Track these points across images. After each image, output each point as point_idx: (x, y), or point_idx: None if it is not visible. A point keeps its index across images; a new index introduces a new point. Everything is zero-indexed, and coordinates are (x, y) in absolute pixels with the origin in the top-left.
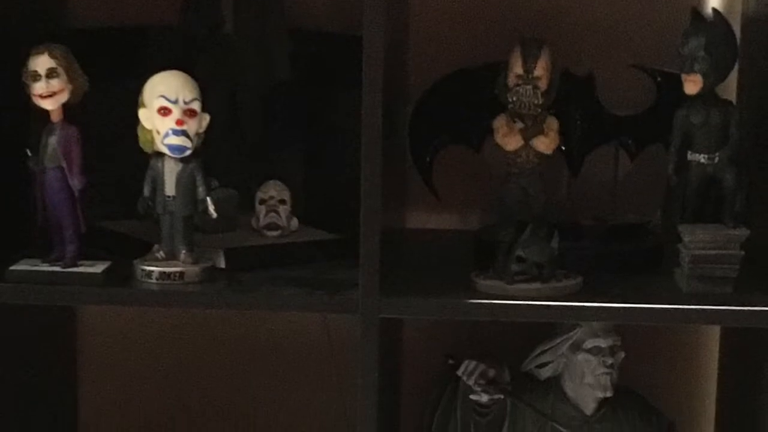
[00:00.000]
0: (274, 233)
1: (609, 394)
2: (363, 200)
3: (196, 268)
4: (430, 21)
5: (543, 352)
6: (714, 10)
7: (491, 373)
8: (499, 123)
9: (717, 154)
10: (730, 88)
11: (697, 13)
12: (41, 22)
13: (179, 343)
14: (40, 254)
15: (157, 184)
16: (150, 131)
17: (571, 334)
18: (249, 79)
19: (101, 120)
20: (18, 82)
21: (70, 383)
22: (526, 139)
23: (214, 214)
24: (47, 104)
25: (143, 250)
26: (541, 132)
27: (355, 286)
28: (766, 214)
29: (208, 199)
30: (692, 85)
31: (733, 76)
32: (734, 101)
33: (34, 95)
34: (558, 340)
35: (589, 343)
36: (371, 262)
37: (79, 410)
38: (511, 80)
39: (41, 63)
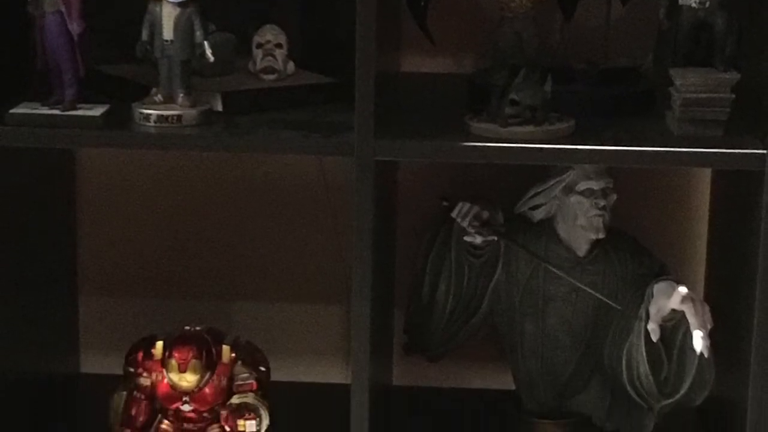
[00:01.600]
0: (271, 77)
1: (601, 235)
2: (358, 43)
3: (193, 111)
4: None
5: (536, 195)
6: None
7: (485, 214)
8: None
9: None
10: None
11: None
12: None
13: (177, 186)
14: (40, 98)
15: (155, 28)
16: None
17: (564, 176)
18: None
19: None
20: None
21: (70, 226)
22: None
23: (212, 58)
24: None
25: (141, 94)
26: None
27: (350, 128)
28: (757, 58)
29: (206, 43)
30: None
31: None
32: None
33: None
34: (551, 183)
35: (582, 186)
36: (366, 105)
37: (78, 252)
38: None
39: None
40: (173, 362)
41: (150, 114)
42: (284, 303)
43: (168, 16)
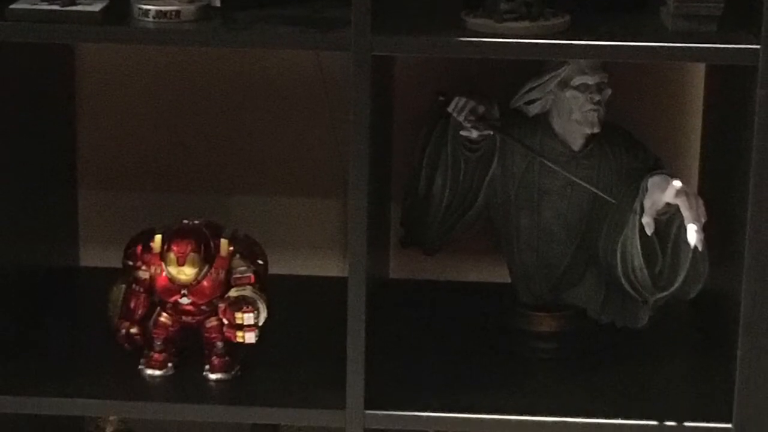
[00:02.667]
0: None
1: (596, 130)
2: None
3: (191, 7)
4: None
5: (531, 89)
6: None
7: (481, 109)
8: None
9: None
10: None
11: None
12: None
13: (175, 81)
14: None
15: None
16: None
17: (559, 71)
18: None
19: None
20: None
21: (69, 121)
22: None
23: None
24: None
25: None
26: None
27: (347, 23)
28: None
29: None
30: None
31: None
32: None
33: None
34: (546, 78)
35: (577, 81)
36: (363, 0)
37: (77, 146)
38: None
39: None
40: (172, 255)
41: (149, 9)
42: (282, 197)
43: None
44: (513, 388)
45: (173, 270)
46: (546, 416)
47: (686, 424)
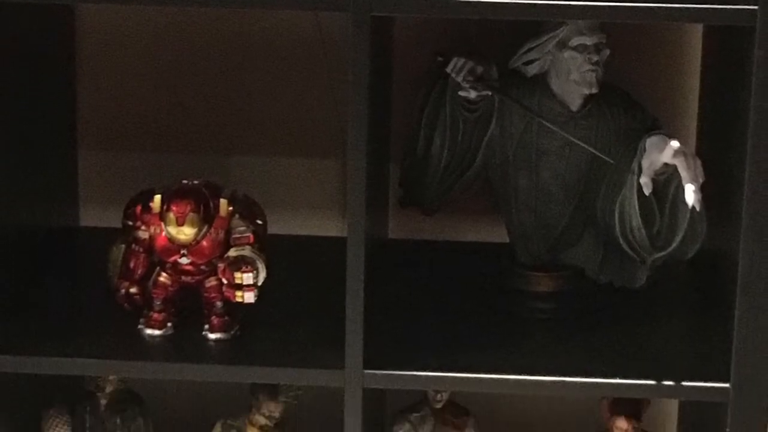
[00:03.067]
0: None
1: (594, 90)
2: None
3: None
4: None
5: (529, 50)
6: None
7: (479, 69)
8: None
9: None
10: None
11: None
12: None
13: (175, 41)
14: None
15: None
16: None
17: (557, 32)
18: None
19: None
20: None
21: (69, 81)
22: None
23: None
24: None
25: None
26: None
27: None
28: None
29: None
30: None
31: None
32: None
33: None
34: (544, 38)
35: (575, 41)
36: None
37: (77, 106)
38: None
39: None
40: (171, 215)
41: None
42: (281, 157)
43: None
44: (511, 347)
45: (172, 230)
46: (544, 376)
47: (684, 383)
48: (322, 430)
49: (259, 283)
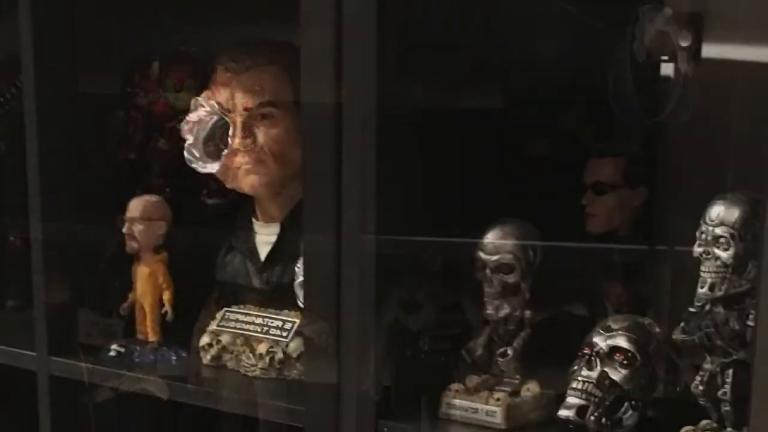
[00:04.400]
0: None
1: None
2: None
3: None
4: None
5: None
6: None
7: None
8: None
9: None
10: None
11: None
12: None
13: None
14: None
15: None
16: None
17: None
18: None
19: None
20: None
21: None
22: None
23: None
24: None
25: None
26: None
27: None
28: None
29: None
30: None
31: None
32: None
33: None
34: None
35: None
36: None
37: None
38: None
39: None
40: (169, 82)
41: None
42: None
43: None
44: None
45: (171, 96)
46: None
47: None
48: None
49: None
